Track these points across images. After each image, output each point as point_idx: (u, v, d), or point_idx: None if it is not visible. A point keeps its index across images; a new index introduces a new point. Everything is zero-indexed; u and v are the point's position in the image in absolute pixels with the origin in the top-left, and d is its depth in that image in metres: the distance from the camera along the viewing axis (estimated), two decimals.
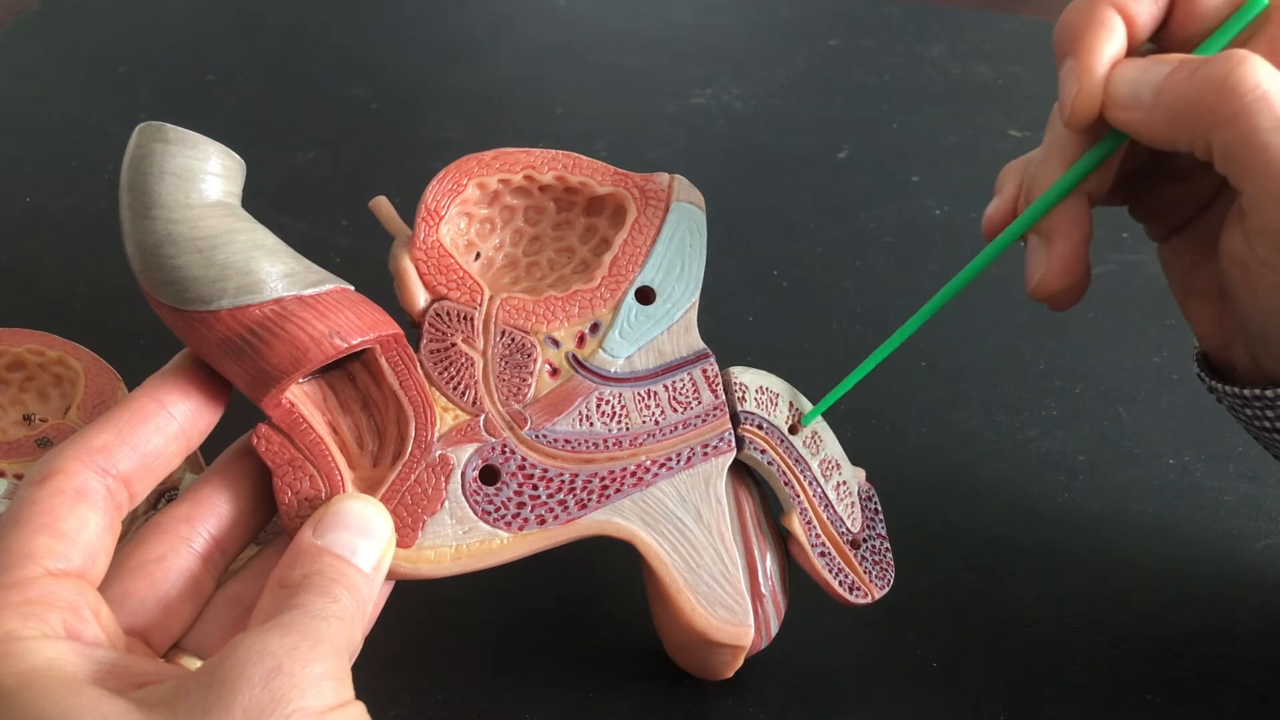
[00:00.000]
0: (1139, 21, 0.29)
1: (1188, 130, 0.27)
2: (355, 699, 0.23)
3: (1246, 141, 0.26)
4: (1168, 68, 0.27)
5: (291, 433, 0.27)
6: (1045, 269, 0.31)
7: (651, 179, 0.32)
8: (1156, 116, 0.27)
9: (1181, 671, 0.36)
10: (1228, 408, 0.32)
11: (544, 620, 0.38)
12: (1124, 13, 0.28)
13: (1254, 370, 0.30)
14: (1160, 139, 0.28)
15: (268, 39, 0.76)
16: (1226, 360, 0.32)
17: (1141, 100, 0.28)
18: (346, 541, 0.26)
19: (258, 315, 0.26)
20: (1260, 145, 0.25)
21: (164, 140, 0.25)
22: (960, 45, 0.74)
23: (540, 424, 0.30)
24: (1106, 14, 0.28)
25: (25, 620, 0.22)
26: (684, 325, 0.32)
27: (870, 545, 0.33)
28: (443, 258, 0.30)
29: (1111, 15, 0.28)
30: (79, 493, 0.24)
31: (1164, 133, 0.28)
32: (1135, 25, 0.29)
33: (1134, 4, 0.29)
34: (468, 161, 0.31)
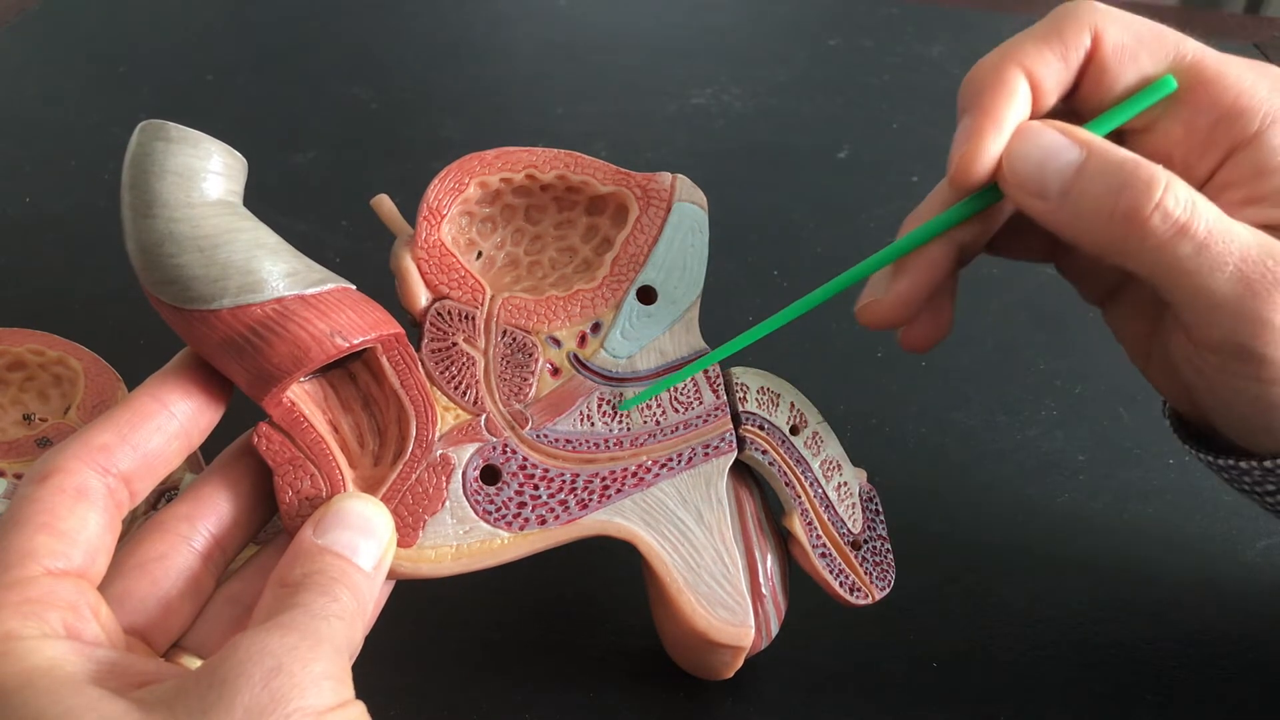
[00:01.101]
0: (1046, 86, 0.28)
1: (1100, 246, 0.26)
2: (355, 699, 0.23)
3: (1171, 269, 0.25)
4: (1077, 154, 0.26)
5: (292, 432, 0.27)
6: (876, 296, 0.30)
7: (653, 179, 0.32)
8: (1064, 217, 0.27)
9: (1181, 671, 0.36)
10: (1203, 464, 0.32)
11: (544, 620, 0.38)
12: (1031, 76, 0.28)
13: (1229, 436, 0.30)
14: (1065, 237, 0.27)
15: (268, 39, 0.76)
16: (1200, 419, 0.31)
17: (1047, 191, 0.27)
18: (347, 541, 0.26)
19: (259, 314, 0.26)
20: (1186, 271, 0.25)
21: (165, 138, 0.25)
22: (960, 45, 0.74)
23: (541, 424, 0.30)
24: (1012, 75, 0.28)
25: (25, 620, 0.22)
26: (685, 325, 0.32)
27: (871, 546, 0.33)
28: (444, 257, 0.30)
29: (1017, 77, 0.28)
30: (79, 491, 0.24)
31: (1071, 234, 0.27)
32: (1041, 90, 0.28)
33: (1042, 68, 0.28)
34: (469, 160, 0.31)
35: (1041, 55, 0.28)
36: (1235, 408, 0.28)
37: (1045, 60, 0.28)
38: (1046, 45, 0.28)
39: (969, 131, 0.28)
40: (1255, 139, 0.27)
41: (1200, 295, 0.25)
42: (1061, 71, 0.28)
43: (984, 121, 0.27)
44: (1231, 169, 0.27)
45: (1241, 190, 0.27)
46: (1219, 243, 0.25)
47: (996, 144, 0.27)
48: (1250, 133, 0.27)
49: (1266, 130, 0.27)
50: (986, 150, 0.27)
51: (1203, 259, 0.25)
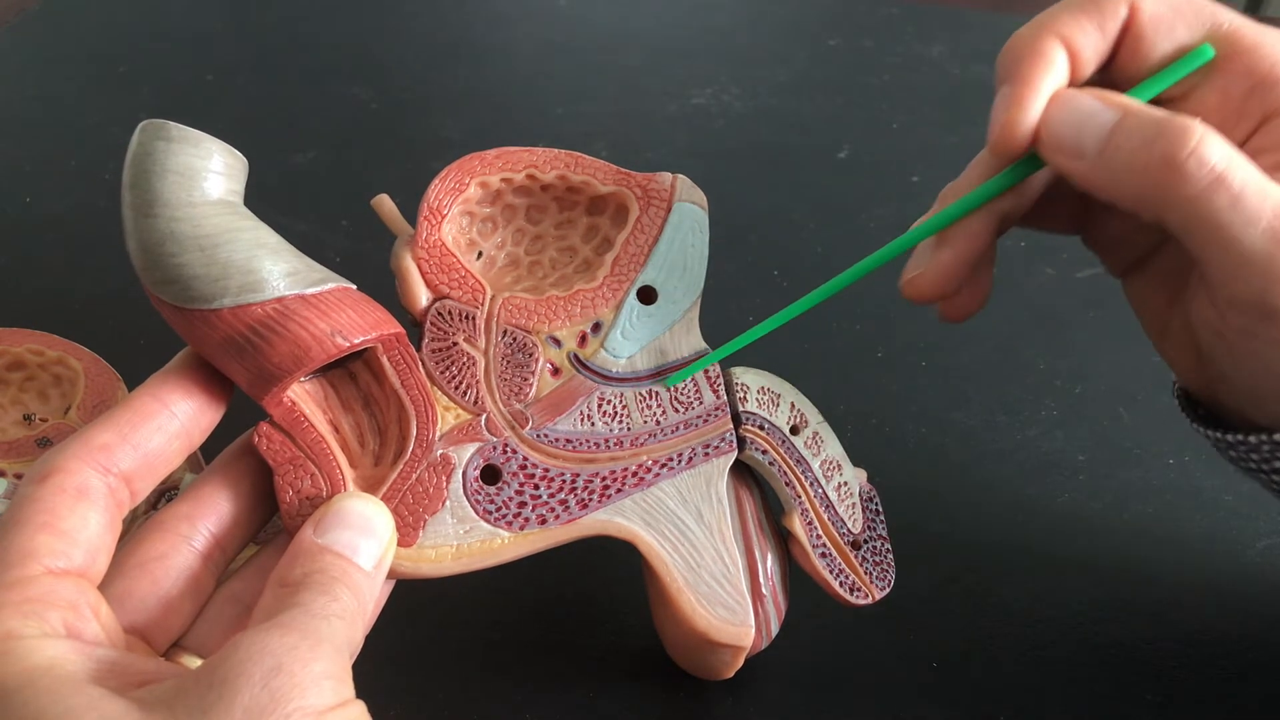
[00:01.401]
0: (1083, 56, 0.28)
1: (1136, 199, 0.26)
2: (356, 698, 0.23)
3: (1205, 221, 0.25)
4: (1112, 115, 0.27)
5: (293, 431, 0.27)
6: (920, 269, 0.30)
7: (654, 179, 0.32)
8: (1101, 174, 0.27)
9: (1181, 671, 0.36)
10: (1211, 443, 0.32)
11: (544, 620, 0.38)
12: (1069, 45, 0.28)
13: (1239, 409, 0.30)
14: (1102, 195, 0.27)
15: (268, 39, 0.76)
16: (1210, 397, 0.31)
17: (1084, 150, 0.27)
18: (348, 540, 0.26)
19: (260, 314, 0.26)
20: (1221, 223, 0.25)
21: (166, 138, 0.25)
22: (960, 45, 0.74)
23: (542, 423, 0.30)
24: (1049, 45, 0.28)
25: (26, 619, 0.22)
26: (686, 325, 0.32)
27: (871, 546, 0.33)
28: (445, 257, 0.30)
29: (1055, 47, 0.28)
30: (80, 491, 0.24)
31: (1108, 192, 0.27)
32: (1079, 59, 0.28)
33: (1080, 37, 0.28)
34: (470, 160, 0.31)
35: (1079, 24, 0.28)
36: (1254, 374, 0.28)
37: (1083, 29, 0.28)
38: (1084, 14, 0.28)
39: (1008, 100, 0.28)
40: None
41: (1231, 250, 0.25)
42: (1099, 41, 0.28)
43: (1023, 90, 0.28)
44: (1265, 136, 0.28)
45: (1273, 156, 0.27)
46: (1254, 197, 0.25)
47: (1035, 111, 0.28)
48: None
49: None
50: (1026, 117, 0.28)
51: (1237, 212, 0.25)
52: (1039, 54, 0.28)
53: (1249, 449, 0.29)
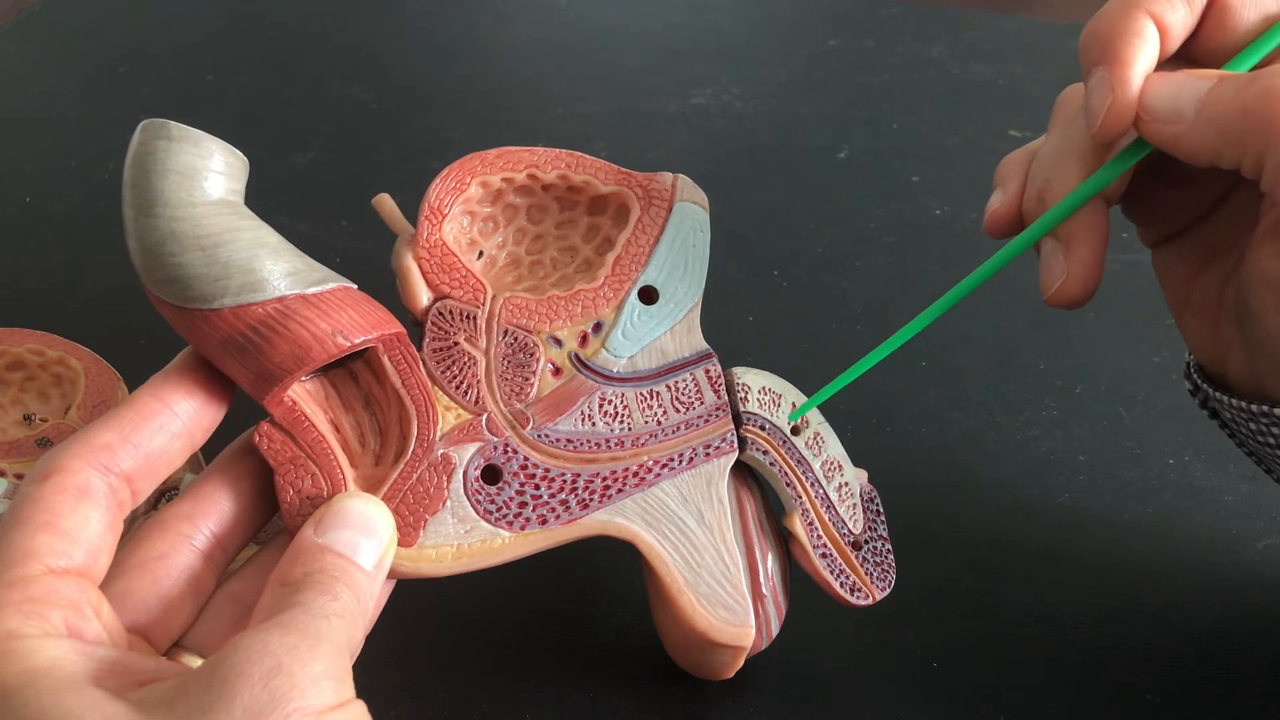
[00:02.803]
0: (1173, 32, 0.28)
1: (1237, 145, 0.26)
2: (356, 698, 0.23)
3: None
4: (1209, 82, 0.26)
5: (293, 431, 0.27)
6: (1064, 274, 0.30)
7: (655, 179, 0.32)
8: (1200, 131, 0.27)
9: (1181, 671, 0.36)
10: (1221, 423, 0.31)
11: (544, 620, 0.38)
12: (1159, 21, 0.27)
13: (1250, 386, 0.30)
14: (1202, 154, 0.27)
15: (268, 39, 0.76)
16: (1220, 373, 0.31)
17: (1183, 114, 0.27)
18: (348, 540, 0.26)
19: (260, 314, 0.26)
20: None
21: (167, 137, 0.25)
22: (960, 45, 0.74)
23: (542, 423, 0.30)
24: (1141, 22, 0.27)
25: (27, 619, 0.22)
26: (687, 325, 0.32)
27: (872, 547, 0.33)
28: (445, 256, 0.30)
29: (1146, 23, 0.27)
30: (81, 491, 0.24)
31: (1208, 148, 0.27)
32: (1169, 35, 0.28)
33: (1169, 12, 0.27)
34: (471, 160, 0.31)
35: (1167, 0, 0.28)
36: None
37: (1170, 4, 0.27)
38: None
39: (1108, 83, 0.27)
40: None
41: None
42: (1186, 15, 0.28)
43: (1121, 70, 0.27)
44: None
45: None
46: None
47: (1136, 90, 0.27)
48: None
49: None
50: (1130, 98, 0.27)
51: None
52: (1132, 32, 0.27)
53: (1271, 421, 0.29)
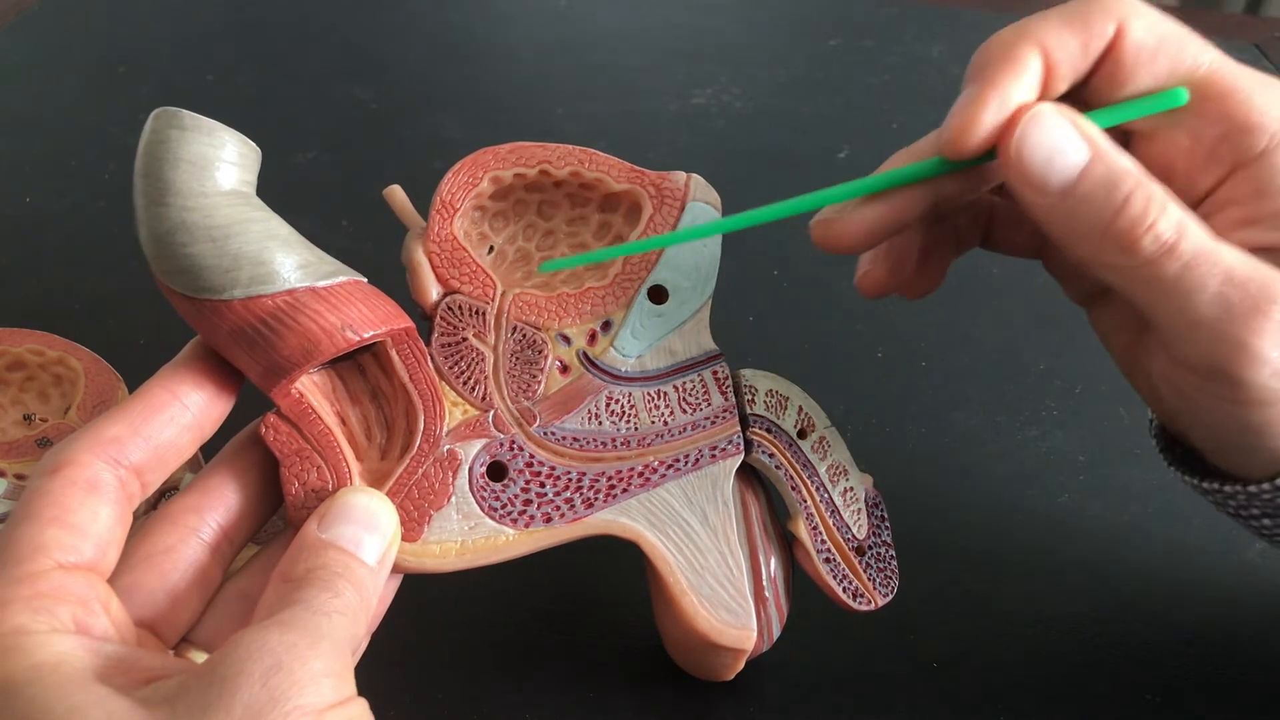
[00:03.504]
0: (1060, 71, 0.27)
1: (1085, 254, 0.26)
2: (357, 696, 0.23)
3: (1153, 288, 0.25)
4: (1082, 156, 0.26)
5: (300, 423, 0.27)
6: (837, 214, 0.29)
7: (668, 177, 0.32)
8: (1057, 217, 0.26)
9: (1181, 671, 0.36)
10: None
11: (545, 620, 0.38)
12: (1047, 56, 0.27)
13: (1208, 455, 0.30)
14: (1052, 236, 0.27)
15: (268, 39, 0.76)
16: (1183, 433, 0.31)
17: (1048, 188, 0.26)
18: (351, 535, 0.26)
19: (270, 306, 0.26)
20: (1168, 291, 0.25)
21: (180, 126, 0.25)
22: (960, 45, 0.74)
23: (549, 421, 0.30)
24: (1027, 51, 0.27)
25: (35, 614, 0.22)
26: (696, 326, 0.32)
27: (875, 552, 0.33)
28: (456, 251, 0.30)
29: (1032, 54, 0.27)
30: (91, 484, 0.24)
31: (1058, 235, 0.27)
32: (1055, 74, 0.27)
33: (1060, 50, 0.27)
34: (483, 155, 0.31)
35: (1062, 37, 0.27)
36: (1214, 428, 0.28)
37: (1065, 43, 0.27)
38: (1069, 28, 0.27)
39: (970, 100, 0.27)
40: (1260, 158, 0.26)
41: (1181, 315, 0.25)
42: (1079, 59, 0.27)
43: (987, 93, 0.26)
44: (1234, 186, 0.27)
45: (1241, 209, 0.27)
46: (1204, 264, 0.25)
47: (994, 119, 0.26)
48: (1256, 151, 0.26)
49: (1273, 151, 0.26)
50: (982, 124, 0.26)
51: (1186, 278, 0.25)
52: (1014, 59, 0.27)
53: (1225, 497, 0.29)
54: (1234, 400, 0.26)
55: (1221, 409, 0.27)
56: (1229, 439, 0.28)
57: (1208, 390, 0.26)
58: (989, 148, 0.27)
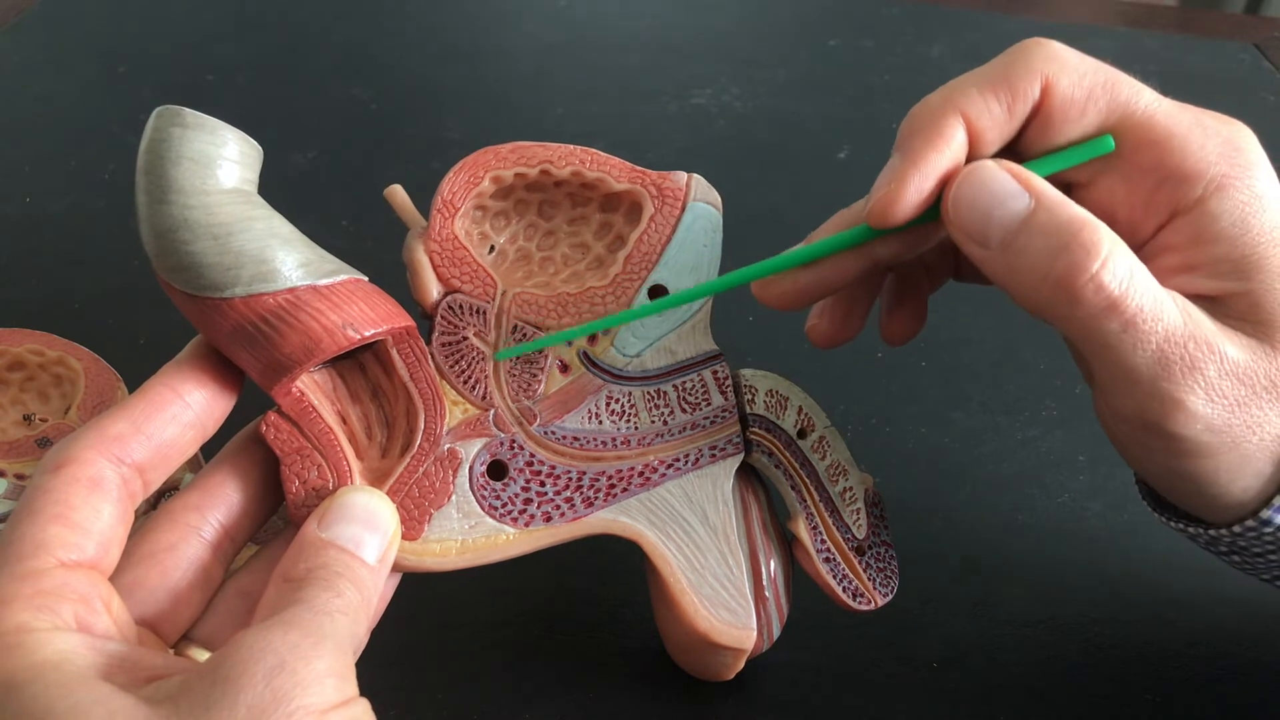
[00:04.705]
0: (986, 139, 0.27)
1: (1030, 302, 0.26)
2: (359, 696, 0.23)
3: (1096, 339, 0.25)
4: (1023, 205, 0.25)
5: (301, 421, 0.27)
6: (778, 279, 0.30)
7: (669, 177, 0.32)
8: (1001, 272, 0.26)
9: (1181, 671, 0.36)
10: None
11: (544, 620, 0.38)
12: (971, 125, 0.27)
13: None
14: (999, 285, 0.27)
15: (268, 39, 0.76)
16: None
17: (988, 239, 0.26)
18: (352, 535, 0.26)
19: (271, 304, 0.26)
20: (1110, 345, 0.25)
21: (182, 125, 0.25)
22: (960, 45, 0.74)
23: (549, 420, 0.30)
24: (950, 123, 0.26)
25: (37, 612, 0.22)
26: (696, 325, 0.32)
27: (875, 552, 0.33)
28: (457, 250, 0.30)
29: (955, 125, 0.27)
30: (93, 482, 0.24)
31: (1003, 285, 0.26)
32: (981, 140, 0.27)
33: (984, 118, 0.27)
34: (484, 154, 0.31)
35: (986, 104, 0.27)
36: (1154, 476, 0.28)
37: (989, 110, 0.27)
38: (993, 93, 0.27)
39: (892, 174, 0.27)
40: (1196, 205, 0.26)
41: (1119, 369, 0.25)
42: (1005, 124, 0.27)
43: (909, 169, 0.26)
44: (1171, 232, 0.27)
45: (1178, 256, 0.27)
46: (1146, 321, 0.25)
47: (917, 191, 0.26)
48: (1192, 199, 0.26)
49: (1210, 197, 0.26)
50: (905, 198, 0.26)
51: (1127, 336, 0.25)
52: (936, 131, 0.26)
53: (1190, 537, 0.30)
54: (1167, 452, 0.26)
55: (1157, 460, 0.27)
56: (1171, 486, 0.28)
57: (1143, 442, 0.27)
58: (912, 218, 0.27)
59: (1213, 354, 0.25)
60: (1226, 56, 0.73)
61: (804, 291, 0.30)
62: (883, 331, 0.33)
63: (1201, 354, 0.25)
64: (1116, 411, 0.27)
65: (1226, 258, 0.26)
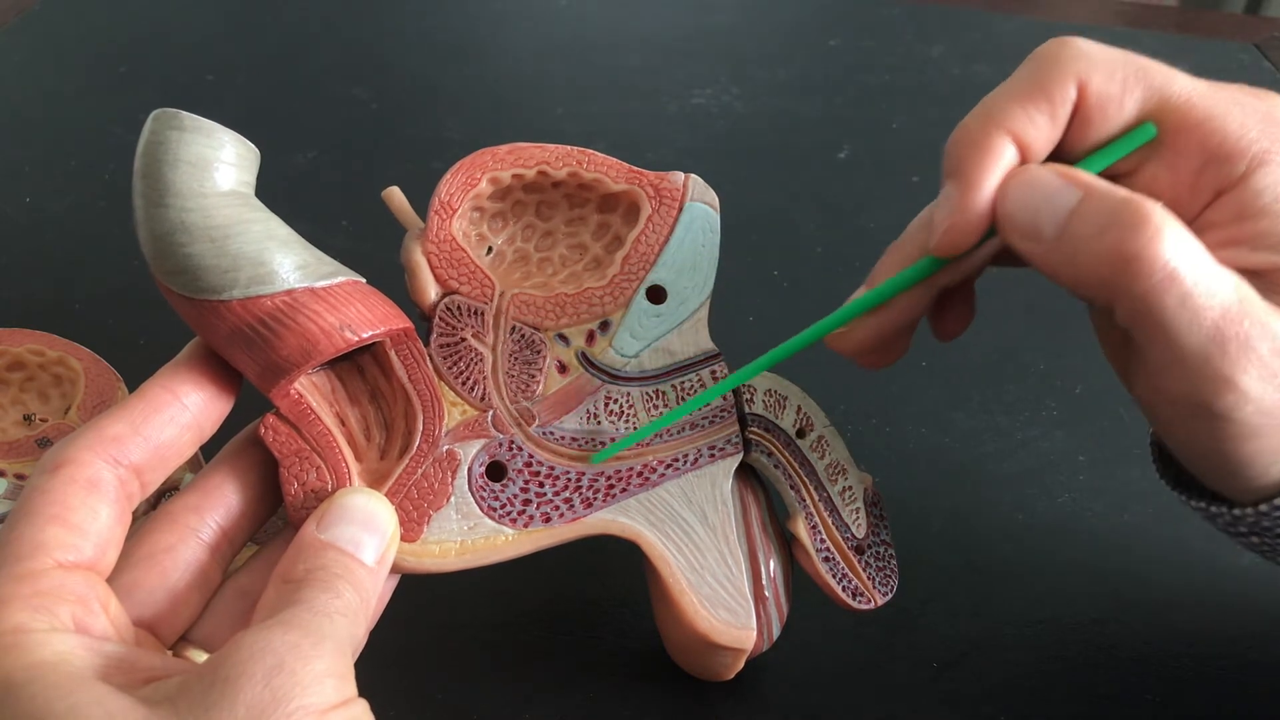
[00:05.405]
0: (1035, 148, 0.27)
1: (1090, 288, 0.26)
2: (358, 697, 0.23)
3: (1152, 315, 0.25)
4: (1071, 196, 0.25)
5: (299, 424, 0.27)
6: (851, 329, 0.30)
7: (666, 178, 0.32)
8: (1056, 261, 0.26)
9: (1181, 671, 0.36)
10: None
11: (544, 620, 0.38)
12: (1018, 139, 0.27)
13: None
14: (1057, 280, 0.27)
15: (268, 39, 0.76)
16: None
17: (1042, 234, 0.26)
18: (351, 536, 0.26)
19: (269, 306, 0.26)
20: (1166, 321, 0.24)
21: (179, 127, 0.25)
22: (960, 45, 0.74)
23: (548, 421, 0.30)
24: (998, 142, 0.26)
25: (35, 613, 0.22)
26: (694, 326, 0.32)
27: (875, 551, 0.33)
28: (454, 251, 0.30)
29: (1004, 143, 0.26)
30: (91, 483, 0.24)
31: (1062, 278, 0.26)
32: (1030, 150, 0.27)
33: (1030, 130, 0.27)
34: (482, 155, 0.31)
35: (1028, 116, 0.27)
36: (1194, 457, 0.28)
37: (1033, 122, 0.27)
38: (1033, 104, 0.26)
39: (953, 205, 0.27)
40: (1240, 182, 0.26)
41: (1172, 347, 0.25)
42: (1050, 130, 0.27)
43: (968, 195, 0.26)
44: (1215, 211, 0.27)
45: (1222, 232, 0.27)
46: (1204, 295, 0.24)
47: (980, 216, 0.26)
48: (1235, 176, 0.26)
49: (1253, 173, 0.26)
50: (971, 225, 0.26)
51: (1184, 310, 0.24)
52: (987, 152, 0.26)
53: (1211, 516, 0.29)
54: (1212, 436, 0.26)
55: (1200, 441, 0.27)
56: (1209, 468, 0.28)
57: (1188, 423, 0.26)
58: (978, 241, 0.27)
59: (1265, 332, 0.25)
60: (1226, 56, 0.72)
61: (878, 335, 0.29)
62: (937, 331, 0.32)
63: (1256, 331, 0.25)
64: (1164, 392, 0.26)
65: (1271, 231, 0.26)
